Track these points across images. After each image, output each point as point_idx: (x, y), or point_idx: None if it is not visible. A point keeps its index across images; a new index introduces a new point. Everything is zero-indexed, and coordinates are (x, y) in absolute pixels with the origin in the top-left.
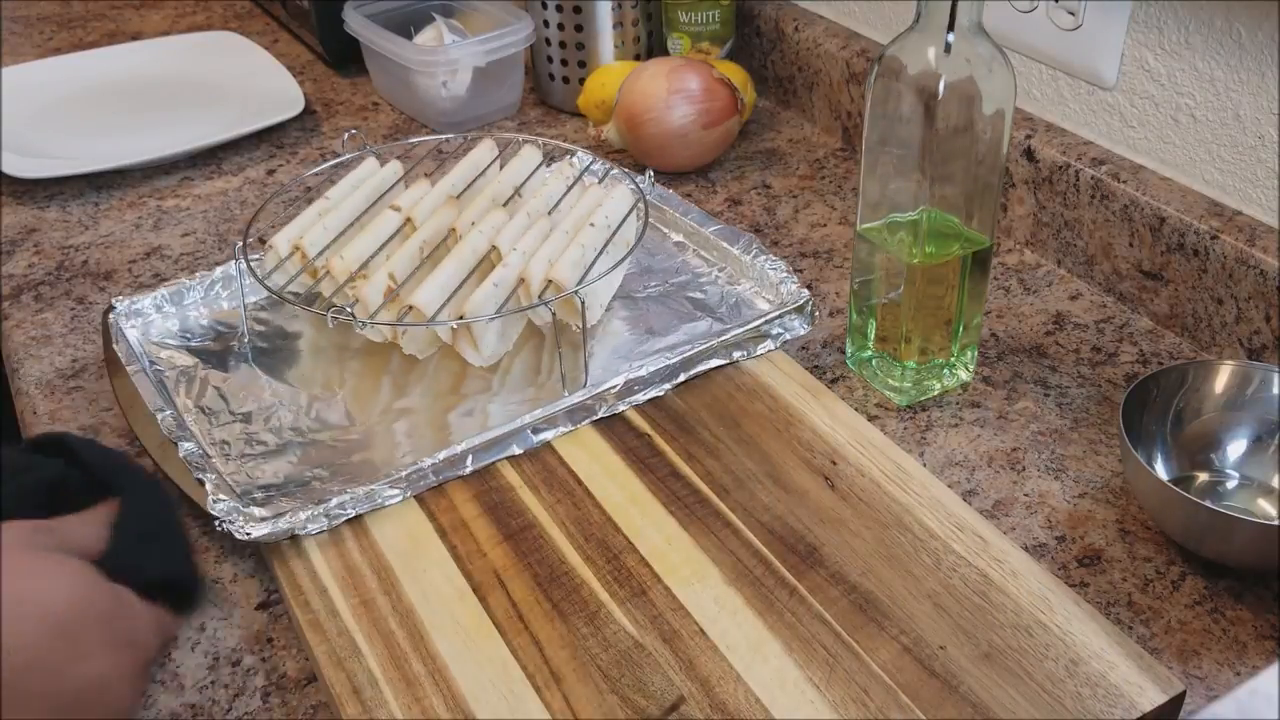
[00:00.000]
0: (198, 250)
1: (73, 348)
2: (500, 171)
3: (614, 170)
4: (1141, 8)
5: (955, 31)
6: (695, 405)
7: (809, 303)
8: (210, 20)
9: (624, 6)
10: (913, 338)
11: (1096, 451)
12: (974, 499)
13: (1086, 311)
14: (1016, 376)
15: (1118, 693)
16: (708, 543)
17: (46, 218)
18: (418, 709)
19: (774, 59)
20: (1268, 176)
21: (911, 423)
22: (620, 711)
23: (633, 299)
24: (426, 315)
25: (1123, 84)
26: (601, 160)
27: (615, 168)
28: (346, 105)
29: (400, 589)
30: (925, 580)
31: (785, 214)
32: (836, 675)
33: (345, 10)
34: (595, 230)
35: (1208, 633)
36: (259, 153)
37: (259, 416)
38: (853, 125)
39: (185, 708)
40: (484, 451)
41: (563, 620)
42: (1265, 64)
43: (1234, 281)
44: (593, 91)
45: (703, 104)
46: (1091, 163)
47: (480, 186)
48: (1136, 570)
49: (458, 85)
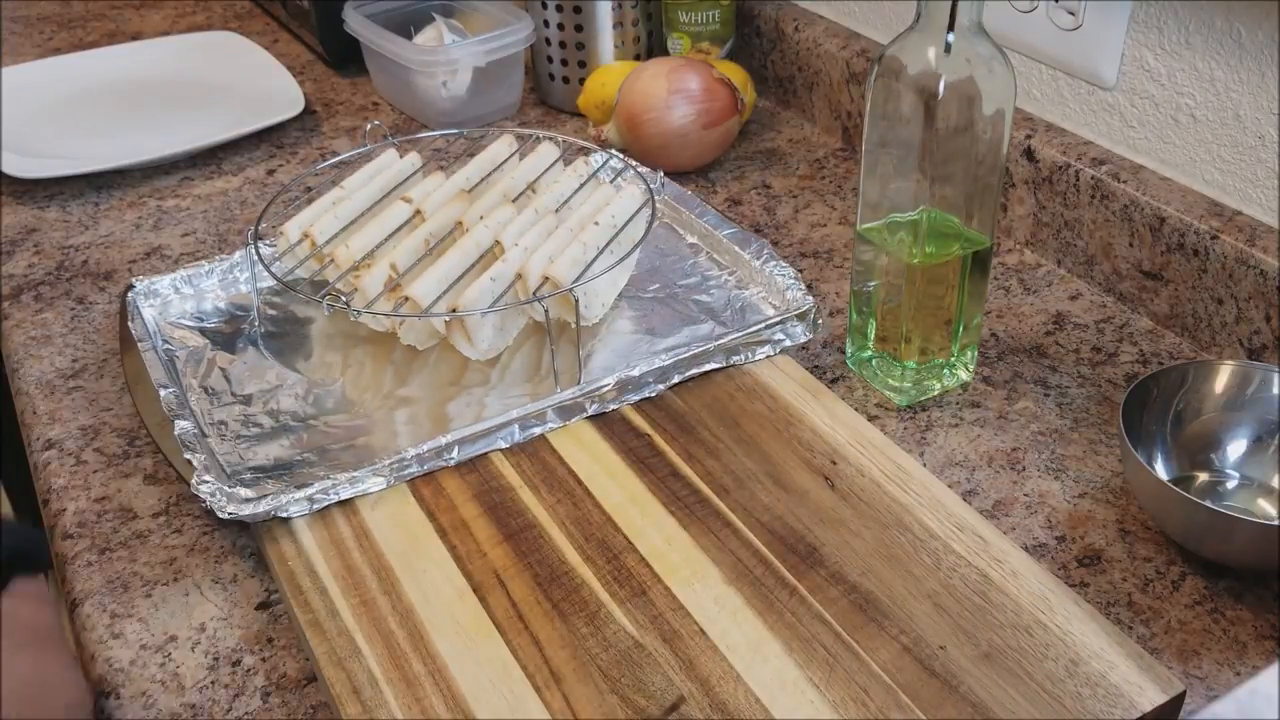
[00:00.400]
0: (198, 250)
1: (73, 348)
2: (515, 168)
3: (627, 170)
4: (1141, 8)
5: (955, 31)
6: (695, 405)
7: (813, 310)
8: (210, 20)
9: (624, 6)
10: (913, 338)
11: (1096, 451)
12: (974, 499)
13: (1086, 311)
14: (1016, 376)
15: (1118, 693)
16: (708, 543)
17: (46, 218)
18: (418, 709)
19: (774, 59)
20: (1268, 176)
21: (911, 423)
22: (620, 711)
23: (640, 299)
24: (422, 306)
25: (1123, 84)
26: (619, 158)
27: (629, 168)
28: (346, 105)
29: (400, 589)
30: (925, 580)
31: (785, 214)
32: (836, 675)
33: (345, 10)
34: (599, 229)
35: (1208, 633)
36: (259, 153)
37: (259, 399)
38: (853, 125)
39: (185, 708)
40: (470, 443)
41: (563, 620)
42: (1265, 64)
43: (1234, 281)
44: (593, 91)
45: (703, 104)
46: (1091, 163)
47: (494, 181)
48: (1136, 570)
49: (458, 85)
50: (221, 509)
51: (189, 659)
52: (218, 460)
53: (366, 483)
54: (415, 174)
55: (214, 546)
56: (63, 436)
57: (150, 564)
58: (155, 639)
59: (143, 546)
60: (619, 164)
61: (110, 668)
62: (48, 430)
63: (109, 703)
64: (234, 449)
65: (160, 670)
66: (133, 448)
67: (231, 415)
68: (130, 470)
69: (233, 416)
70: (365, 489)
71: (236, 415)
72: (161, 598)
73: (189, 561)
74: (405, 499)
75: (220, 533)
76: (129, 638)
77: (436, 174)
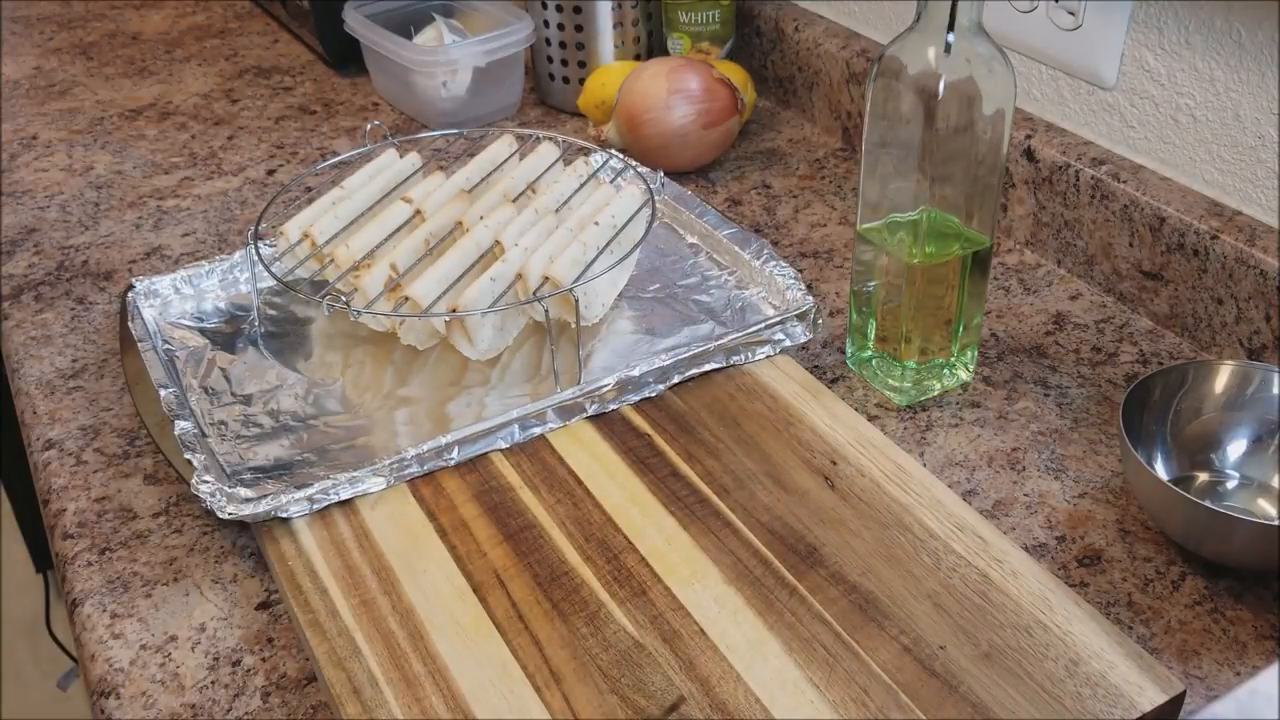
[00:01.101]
0: (198, 250)
1: (73, 348)
2: (515, 168)
3: (627, 170)
4: (1141, 8)
5: (955, 31)
6: (695, 405)
7: (813, 310)
8: (210, 20)
9: (624, 6)
10: (913, 338)
11: (1096, 451)
12: (974, 499)
13: (1086, 311)
14: (1016, 376)
15: (1118, 693)
16: (707, 543)
17: (46, 218)
18: (418, 709)
19: (774, 59)
20: (1268, 176)
21: (911, 423)
22: (620, 711)
23: (640, 299)
24: (422, 306)
25: (1123, 84)
26: (619, 158)
27: (629, 168)
28: (346, 105)
29: (400, 589)
30: (925, 580)
31: (785, 214)
32: (836, 675)
33: (345, 10)
34: (599, 229)
35: (1208, 633)
36: (259, 153)
37: (259, 399)
38: (853, 125)
39: (185, 708)
40: (470, 443)
41: (563, 620)
42: (1265, 64)
43: (1234, 281)
44: (593, 91)
45: (703, 104)
46: (1091, 163)
47: (494, 181)
48: (1136, 570)
49: (458, 85)
50: (221, 509)
51: (189, 659)
52: (218, 460)
53: (366, 483)
54: (415, 174)
55: (214, 546)
56: (63, 436)
57: (150, 564)
58: (155, 639)
59: (143, 546)
60: (619, 164)
61: (110, 668)
62: (48, 430)
63: (109, 703)
64: (234, 449)
65: (160, 670)
66: (133, 448)
67: (231, 415)
68: (130, 470)
69: (233, 416)
70: (365, 489)
71: (236, 415)
72: (161, 598)
73: (189, 561)
74: (405, 499)
75: (220, 533)
76: (129, 638)
77: (437, 174)
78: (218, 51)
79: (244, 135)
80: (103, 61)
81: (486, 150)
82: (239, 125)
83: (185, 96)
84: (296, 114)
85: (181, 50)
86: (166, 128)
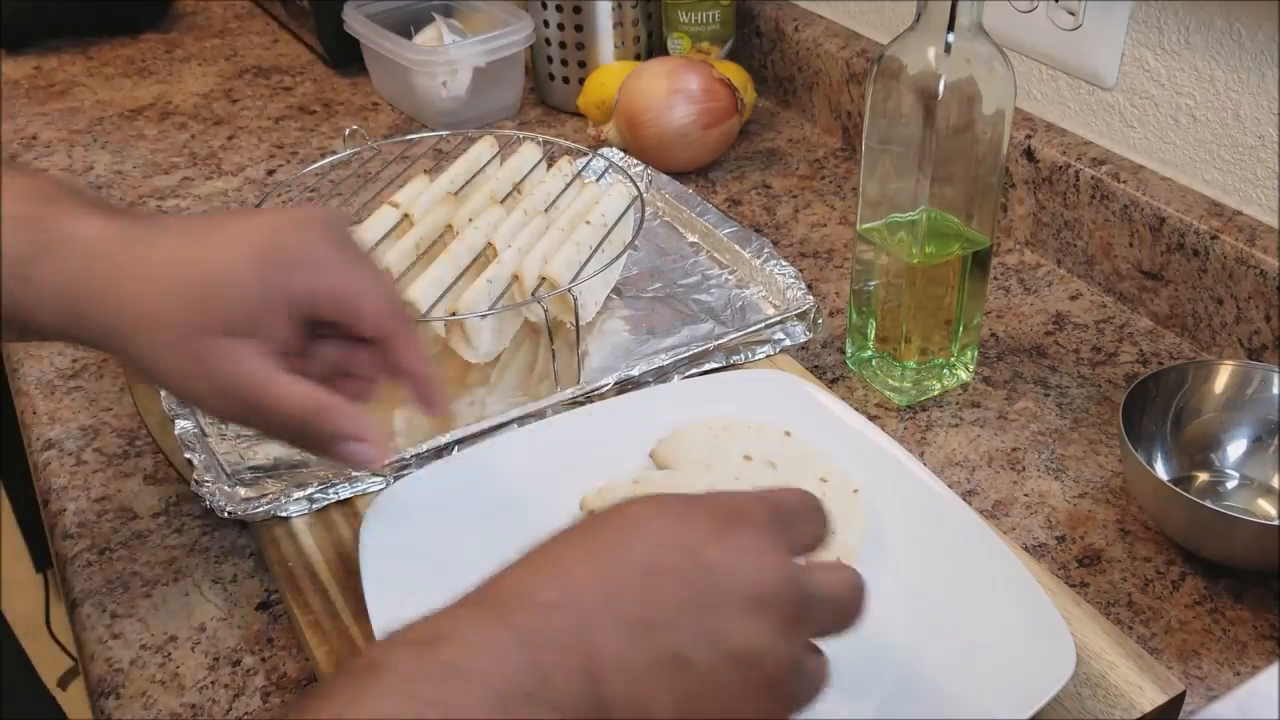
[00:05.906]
0: None
1: (73, 348)
2: (499, 169)
3: (610, 168)
4: (1141, 8)
5: (955, 31)
6: None
7: (813, 309)
8: (210, 20)
9: (624, 6)
10: (913, 338)
11: (1096, 451)
12: (974, 499)
13: (1086, 311)
14: (1016, 376)
15: (1118, 693)
16: None
17: None
18: None
19: (774, 59)
20: (1268, 176)
21: (911, 423)
22: None
23: (640, 298)
24: (420, 311)
25: (1123, 84)
26: (600, 157)
27: (612, 166)
28: (346, 105)
29: None
30: None
31: (785, 214)
32: None
33: (345, 10)
34: (591, 228)
35: (1208, 633)
36: (259, 152)
37: None
38: (853, 125)
39: (185, 708)
40: (470, 443)
41: None
42: (1265, 64)
43: (1234, 281)
44: (593, 91)
45: (703, 104)
46: (1091, 163)
47: (479, 183)
48: (1136, 570)
49: (458, 85)
50: (221, 509)
51: (189, 659)
52: (218, 460)
53: (366, 483)
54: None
55: (214, 546)
56: (63, 436)
57: (150, 564)
58: (155, 639)
59: (143, 546)
60: (601, 164)
61: (110, 668)
62: (48, 430)
63: (109, 703)
64: (234, 448)
65: (160, 670)
66: (133, 448)
67: None
68: (130, 470)
69: None
70: (365, 489)
71: None
72: (161, 598)
73: (189, 561)
74: None
75: (220, 533)
76: (129, 638)
77: (421, 178)
78: (218, 51)
79: (244, 135)
80: (103, 61)
81: (468, 153)
82: (239, 125)
83: (185, 96)
84: (296, 114)
85: (181, 50)
86: (166, 128)
